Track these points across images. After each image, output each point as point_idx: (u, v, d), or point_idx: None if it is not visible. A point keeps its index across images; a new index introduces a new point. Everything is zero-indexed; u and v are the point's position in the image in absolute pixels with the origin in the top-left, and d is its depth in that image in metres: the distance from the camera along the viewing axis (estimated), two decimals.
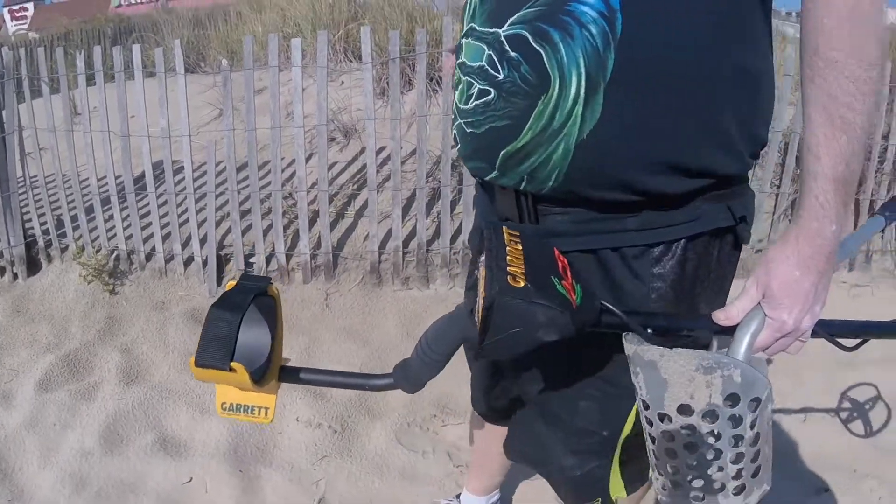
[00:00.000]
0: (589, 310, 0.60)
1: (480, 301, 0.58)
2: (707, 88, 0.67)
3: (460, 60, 0.78)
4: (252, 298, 0.65)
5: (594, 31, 0.64)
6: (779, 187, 2.75)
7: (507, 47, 0.70)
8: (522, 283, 0.56)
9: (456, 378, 1.13)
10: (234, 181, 2.60)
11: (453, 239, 2.59)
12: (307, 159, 2.60)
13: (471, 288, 0.68)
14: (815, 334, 0.64)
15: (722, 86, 0.68)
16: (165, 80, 2.62)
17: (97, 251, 2.88)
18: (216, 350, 0.61)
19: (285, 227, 2.62)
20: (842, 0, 0.57)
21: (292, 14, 3.81)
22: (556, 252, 0.64)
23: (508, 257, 0.59)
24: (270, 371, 0.68)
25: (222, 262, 2.71)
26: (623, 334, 0.62)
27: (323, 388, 2.14)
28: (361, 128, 2.96)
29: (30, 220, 3.15)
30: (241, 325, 0.62)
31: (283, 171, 2.64)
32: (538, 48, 0.67)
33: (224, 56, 3.84)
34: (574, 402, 0.86)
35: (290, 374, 0.71)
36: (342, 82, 3.45)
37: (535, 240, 0.65)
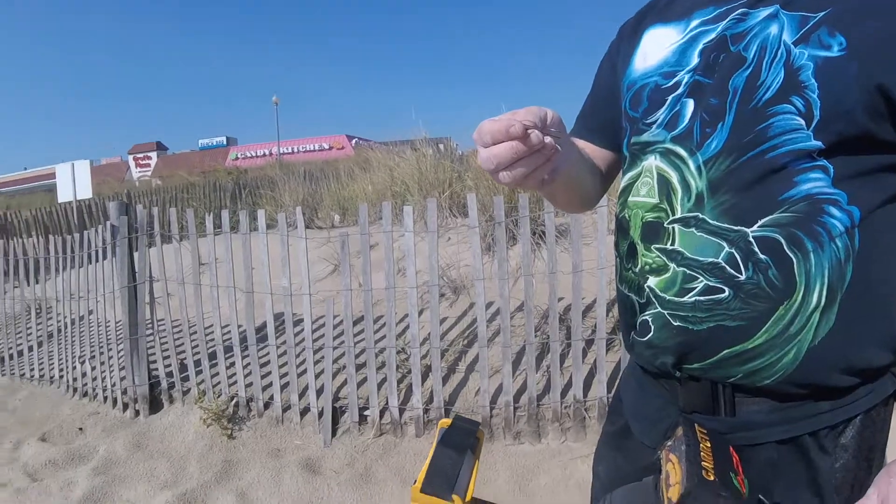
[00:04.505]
0: (752, 501, 0.71)
1: (674, 485, 0.70)
2: (890, 302, 0.75)
3: (671, 248, 0.76)
4: (472, 440, 0.78)
5: (840, 244, 0.68)
6: None
7: (756, 248, 0.70)
8: (712, 478, 0.67)
9: None
10: (350, 336, 2.74)
11: (563, 393, 2.60)
12: (419, 314, 2.72)
13: (655, 463, 0.77)
14: None
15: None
16: (287, 241, 2.85)
17: (218, 396, 3.05)
18: (441, 482, 0.74)
19: (398, 381, 2.71)
20: None
21: (399, 174, 3.98)
22: (731, 449, 0.73)
23: (702, 453, 0.69)
24: (467, 502, 0.79)
25: (337, 413, 2.81)
26: None
27: None
28: (470, 284, 3.07)
29: (155, 362, 3.39)
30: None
31: (396, 324, 2.77)
32: (790, 254, 0.69)
33: (336, 212, 4.09)
34: None
35: None
36: (449, 238, 3.59)
37: (719, 438, 0.74)
